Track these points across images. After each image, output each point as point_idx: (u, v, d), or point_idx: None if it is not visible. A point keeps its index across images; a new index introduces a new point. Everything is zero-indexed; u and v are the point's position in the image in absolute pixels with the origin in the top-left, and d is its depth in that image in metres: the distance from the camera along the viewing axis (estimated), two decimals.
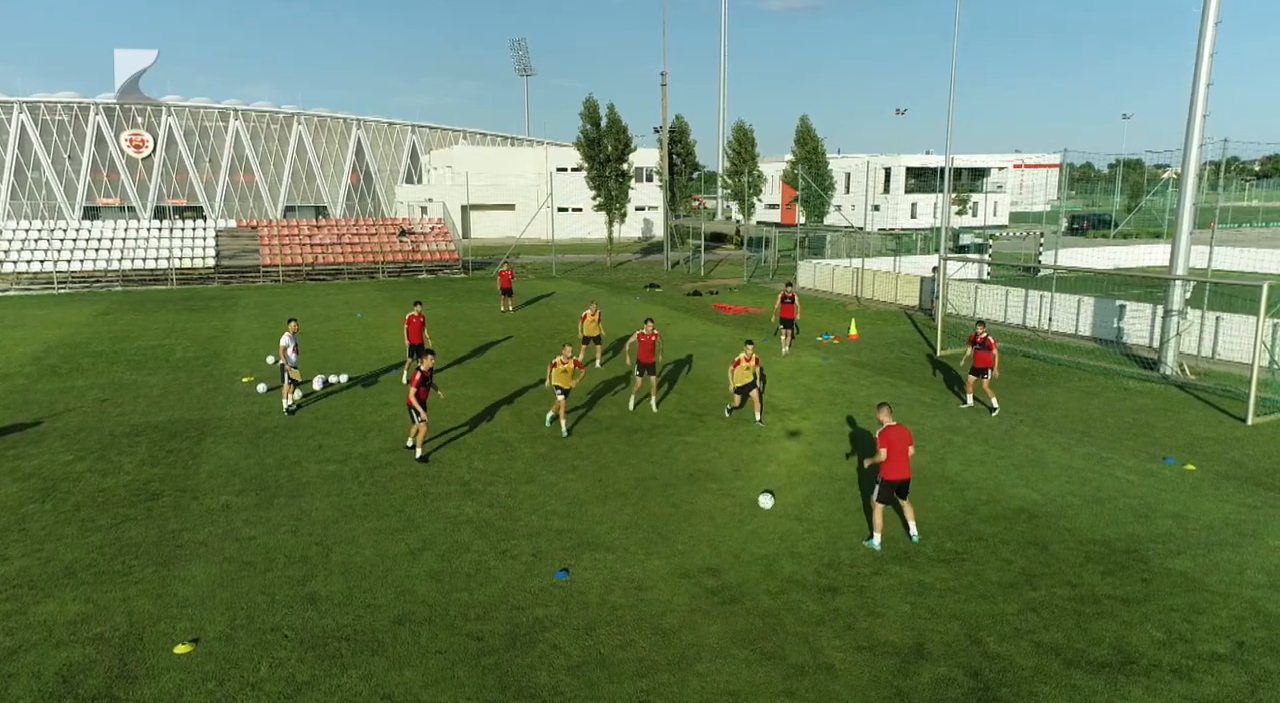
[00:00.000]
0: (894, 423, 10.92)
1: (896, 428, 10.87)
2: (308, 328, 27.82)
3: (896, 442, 10.76)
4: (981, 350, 17.09)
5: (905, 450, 10.78)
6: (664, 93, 48.30)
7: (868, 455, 14.16)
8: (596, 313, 21.97)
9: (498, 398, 18.50)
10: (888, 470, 10.71)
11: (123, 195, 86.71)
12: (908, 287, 32.15)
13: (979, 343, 17.19)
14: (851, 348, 24.20)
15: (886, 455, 10.70)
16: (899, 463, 10.71)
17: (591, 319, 21.76)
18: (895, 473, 10.72)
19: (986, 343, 17.11)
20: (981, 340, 17.18)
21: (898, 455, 10.73)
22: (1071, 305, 25.20)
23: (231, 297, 36.56)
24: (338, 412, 17.37)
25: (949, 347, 23.32)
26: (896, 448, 10.74)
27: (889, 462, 10.69)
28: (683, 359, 22.52)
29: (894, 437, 10.77)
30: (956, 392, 18.76)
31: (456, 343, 25.15)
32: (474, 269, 46.26)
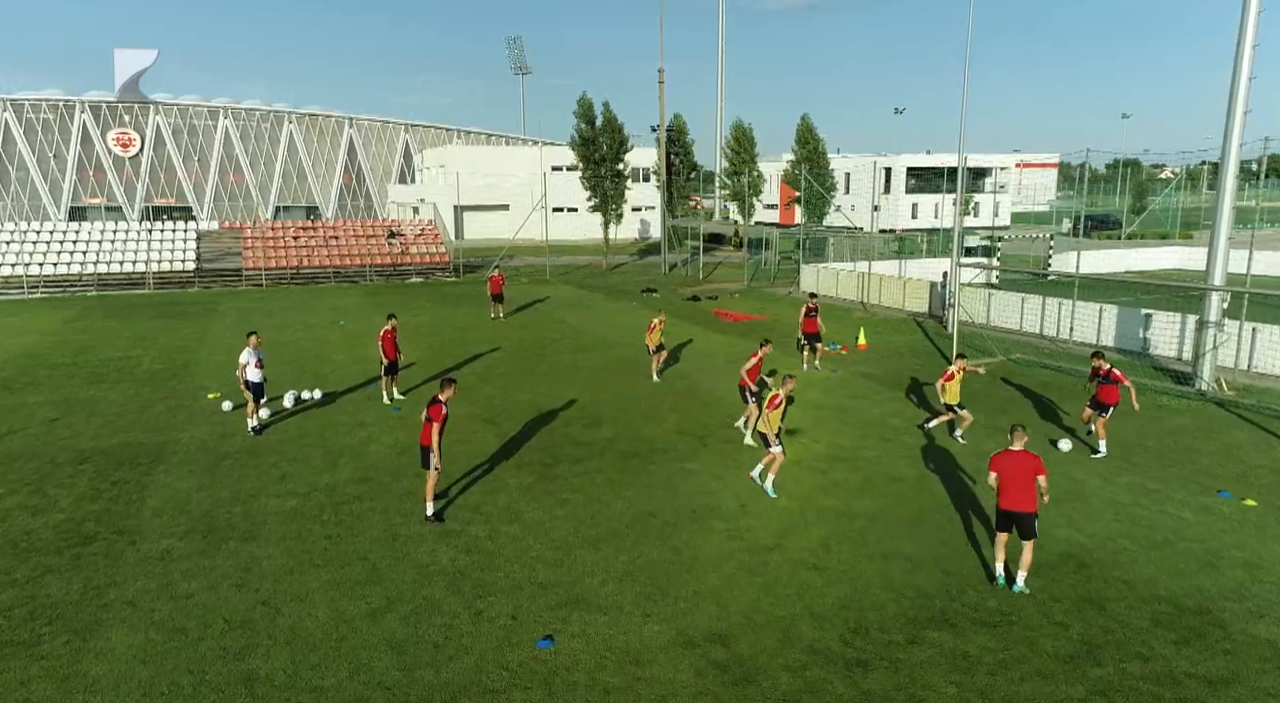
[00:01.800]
0: (1020, 449, 9.86)
1: (1017, 454, 9.82)
2: (286, 337, 26.39)
3: (1009, 468, 9.73)
4: (1107, 384, 14.69)
5: (1024, 480, 9.65)
6: (661, 90, 46.95)
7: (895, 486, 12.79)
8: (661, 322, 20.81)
9: (481, 417, 17.08)
10: (1000, 498, 9.81)
11: (109, 195, 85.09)
12: (916, 292, 30.77)
13: (1104, 376, 14.77)
14: (860, 359, 22.82)
15: (998, 483, 9.79)
16: (1012, 492, 9.70)
17: (659, 329, 20.56)
18: (1008, 502, 9.75)
19: (1113, 376, 14.72)
20: (1105, 373, 14.78)
21: (1011, 484, 9.70)
22: (1092, 313, 23.82)
23: (211, 302, 35.09)
24: (307, 434, 15.94)
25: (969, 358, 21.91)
26: (1009, 474, 9.72)
27: (1002, 490, 9.77)
28: (682, 372, 21.11)
29: (1008, 463, 9.78)
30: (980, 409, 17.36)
31: (441, 353, 23.73)
32: (466, 271, 44.82)
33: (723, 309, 31.68)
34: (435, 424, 11.71)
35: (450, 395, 12.18)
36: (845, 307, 32.15)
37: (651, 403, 18.16)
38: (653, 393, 19.01)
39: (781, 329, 27.28)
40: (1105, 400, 14.79)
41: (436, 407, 11.86)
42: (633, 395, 18.76)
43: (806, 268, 37.02)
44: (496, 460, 14.45)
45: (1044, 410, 17.52)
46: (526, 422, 16.74)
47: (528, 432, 16.08)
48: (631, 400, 18.34)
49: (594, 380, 20.18)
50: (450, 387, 12.28)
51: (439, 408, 11.84)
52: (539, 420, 16.84)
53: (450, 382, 12.37)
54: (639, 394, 18.87)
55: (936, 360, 22.57)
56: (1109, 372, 14.86)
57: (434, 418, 11.77)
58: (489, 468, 14.04)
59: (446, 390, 12.19)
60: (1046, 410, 17.50)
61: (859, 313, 30.45)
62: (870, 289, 32.62)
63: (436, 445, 11.73)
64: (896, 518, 11.79)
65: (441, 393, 12.13)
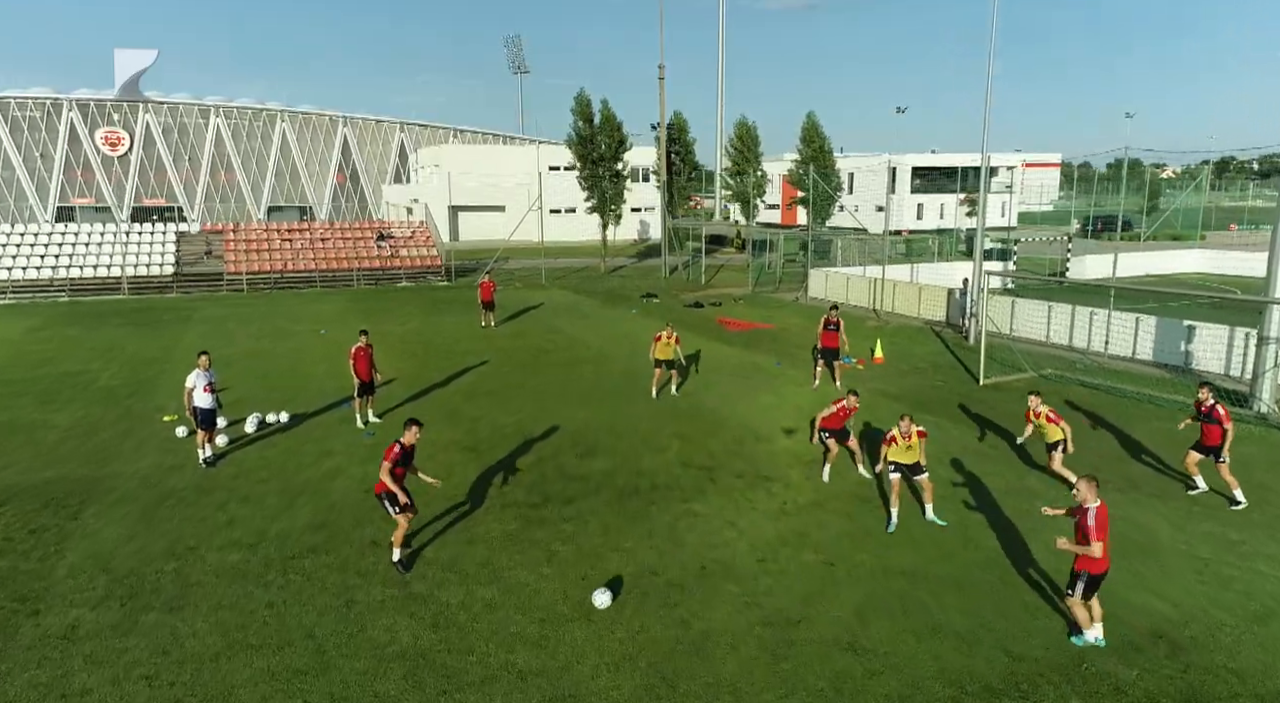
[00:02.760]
0: (1100, 501, 8.43)
1: (1105, 509, 8.44)
2: (261, 348, 24.62)
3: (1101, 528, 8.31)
4: (1208, 422, 12.51)
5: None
6: (661, 87, 45.20)
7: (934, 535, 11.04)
8: (672, 335, 18.82)
9: (463, 444, 15.33)
10: (1100, 563, 8.31)
11: (98, 195, 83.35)
12: (932, 299, 29.03)
13: (1205, 414, 12.62)
14: (877, 374, 21.07)
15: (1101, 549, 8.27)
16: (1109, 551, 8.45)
17: (666, 341, 18.69)
18: (1106, 565, 8.42)
19: (1214, 413, 12.46)
20: (1208, 409, 12.57)
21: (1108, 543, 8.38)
22: (1127, 324, 22.08)
23: (187, 308, 33.32)
24: (267, 466, 14.19)
25: (993, 374, 20.20)
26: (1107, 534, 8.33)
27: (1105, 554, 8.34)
28: (686, 389, 19.34)
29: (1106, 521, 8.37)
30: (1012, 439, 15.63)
31: (427, 365, 21.97)
32: (459, 275, 43.05)
33: (727, 317, 29.93)
34: (385, 465, 10.19)
35: (413, 439, 10.49)
36: (856, 314, 30.38)
37: (652, 426, 16.42)
38: (653, 415, 17.27)
39: (789, 339, 25.55)
40: (1209, 443, 12.52)
41: (392, 449, 10.27)
42: (631, 418, 17.02)
43: (814, 272, 35.25)
44: (477, 499, 12.71)
45: (1082, 434, 15.74)
46: (513, 450, 15.00)
47: (514, 463, 14.34)
48: (630, 424, 16.60)
49: (589, 399, 18.43)
50: (413, 429, 10.56)
51: (394, 451, 10.25)
52: (527, 448, 15.11)
53: (414, 423, 10.63)
54: (638, 416, 17.13)
55: (960, 376, 20.82)
56: (1211, 409, 12.55)
57: (386, 458, 10.25)
58: (468, 509, 12.30)
59: (409, 432, 10.51)
60: (1085, 434, 15.73)
61: (872, 322, 28.71)
62: (883, 295, 30.87)
63: (398, 490, 10.17)
64: (940, 577, 10.07)
65: (404, 434, 10.46)
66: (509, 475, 13.72)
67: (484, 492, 13.01)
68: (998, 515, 11.94)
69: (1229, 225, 73.17)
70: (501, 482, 13.41)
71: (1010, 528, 11.47)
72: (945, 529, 11.51)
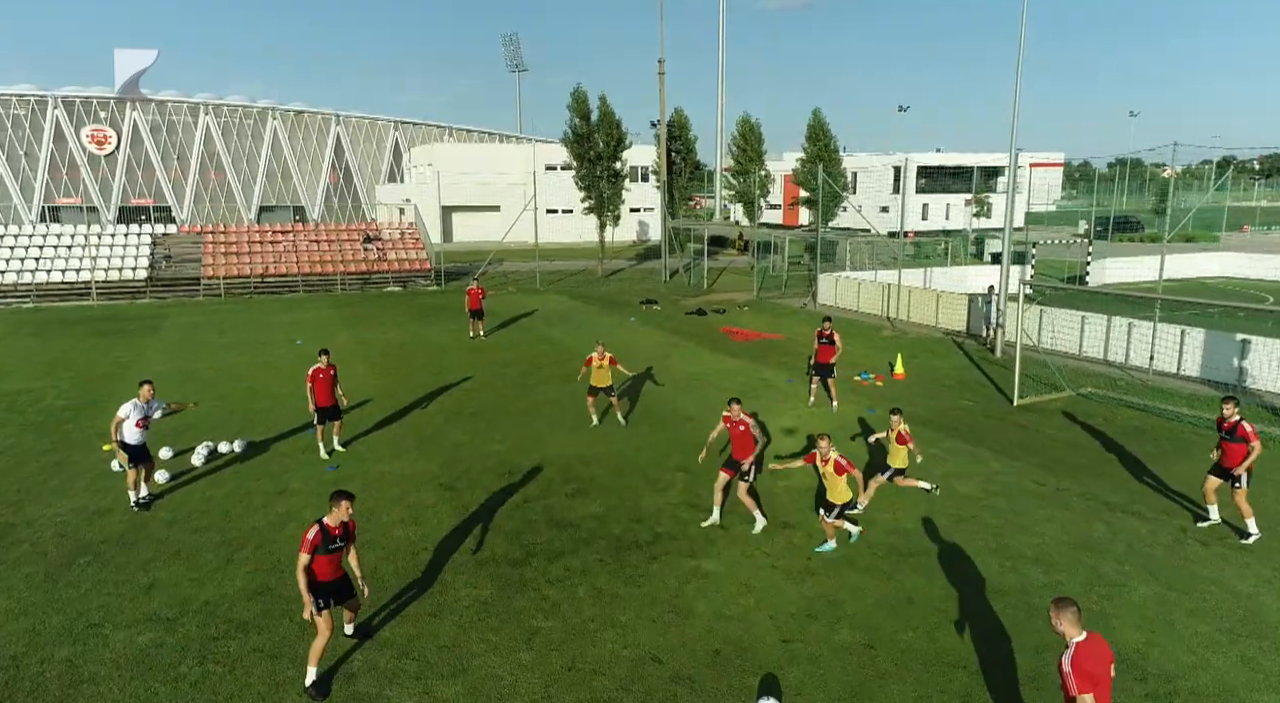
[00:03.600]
0: (1088, 634, 5.86)
1: (1095, 644, 5.85)
2: (228, 361, 22.71)
3: (1102, 675, 5.78)
4: (1231, 441, 11.14)
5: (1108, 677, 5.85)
6: (661, 82, 43.30)
7: (997, 602, 9.15)
8: (604, 356, 16.54)
9: (439, 481, 13.44)
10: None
11: (84, 195, 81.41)
12: (951, 306, 27.16)
13: (1228, 431, 11.21)
14: (899, 392, 19.20)
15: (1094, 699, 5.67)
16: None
17: (599, 363, 16.47)
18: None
19: (1240, 431, 11.08)
20: (1231, 426, 11.17)
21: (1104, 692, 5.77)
22: (1172, 337, 20.21)
23: (160, 315, 31.42)
24: (209, 508, 12.31)
25: (1027, 393, 18.33)
26: (1104, 684, 5.77)
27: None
28: (688, 412, 17.46)
29: (1099, 668, 5.76)
30: (1067, 470, 13.76)
31: (406, 381, 20.08)
32: (450, 279, 41.16)
33: (732, 326, 28.04)
34: (303, 557, 7.87)
35: (342, 517, 8.11)
36: (870, 323, 28.52)
37: (653, 458, 14.55)
38: (655, 443, 15.39)
39: (799, 351, 23.65)
40: (1226, 464, 11.21)
41: (309, 532, 7.96)
42: (630, 446, 15.15)
43: (823, 277, 33.36)
44: (448, 551, 10.83)
45: (1138, 468, 13.88)
46: (495, 488, 13.12)
47: (495, 503, 12.47)
48: (629, 453, 14.73)
49: (583, 422, 16.53)
50: (343, 504, 8.11)
51: (312, 537, 7.91)
52: (511, 486, 13.23)
53: (343, 497, 8.16)
54: (638, 444, 15.25)
55: (990, 395, 18.95)
56: (1236, 425, 11.20)
57: (303, 547, 7.91)
58: (437, 565, 10.42)
59: (337, 508, 8.08)
60: (1143, 468, 13.86)
61: (886, 331, 26.84)
62: (898, 303, 28.98)
63: (308, 601, 7.84)
64: (1011, 673, 8.19)
65: (329, 512, 8.11)
66: (488, 522, 11.84)
67: (458, 543, 11.12)
68: (1056, 571, 10.07)
69: (1242, 226, 71.39)
70: (479, 531, 11.52)
71: (1077, 594, 9.59)
72: (1007, 596, 9.63)
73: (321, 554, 7.96)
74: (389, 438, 15.84)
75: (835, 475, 10.63)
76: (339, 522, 8.08)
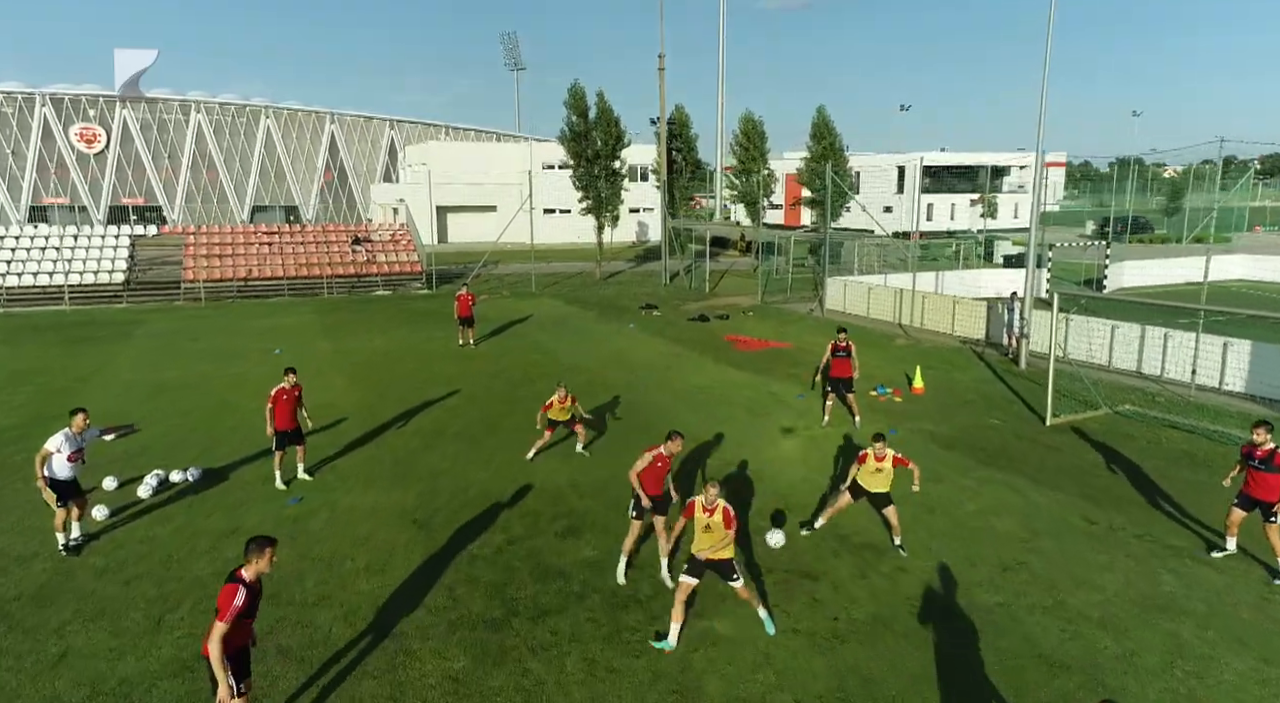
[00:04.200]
0: None
1: None
2: (197, 373, 21.19)
3: None
4: (1267, 471, 9.94)
5: None
6: (661, 78, 41.79)
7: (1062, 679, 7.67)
8: (566, 398, 14.37)
9: (411, 516, 11.94)
10: None
11: (73, 194, 79.91)
12: (969, 314, 25.65)
13: (1261, 459, 10.01)
14: (919, 408, 17.70)
15: None
16: None
17: (560, 407, 14.40)
18: None
19: (1278, 460, 9.89)
20: (1265, 454, 9.98)
21: None
22: (1214, 349, 18.71)
23: (135, 321, 29.89)
24: (149, 551, 10.81)
25: (1063, 411, 16.83)
26: None
27: None
28: (693, 431, 15.94)
29: None
30: (1116, 503, 12.26)
31: (386, 397, 18.56)
32: (442, 282, 39.63)
33: (737, 334, 26.52)
34: (219, 624, 6.44)
35: (263, 568, 6.75)
36: (881, 331, 27.01)
37: None
38: None
39: (809, 362, 22.04)
40: (1260, 496, 10.01)
41: (230, 590, 6.54)
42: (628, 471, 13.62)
43: (832, 282, 31.84)
44: (416, 609, 9.33)
45: (1196, 500, 12.35)
46: (475, 526, 11.63)
47: (474, 546, 10.97)
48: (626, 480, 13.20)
49: (575, 442, 15.02)
50: (265, 553, 6.75)
51: (234, 600, 6.50)
52: (494, 522, 11.74)
53: (264, 545, 6.78)
54: None
55: (1019, 412, 17.45)
56: (1271, 454, 9.92)
57: (220, 613, 6.46)
58: (402, 629, 8.92)
59: (259, 559, 6.71)
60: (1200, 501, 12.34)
61: (901, 340, 25.32)
62: (912, 309, 27.46)
63: (219, 661, 6.41)
64: None
65: (247, 564, 6.71)
66: (464, 566, 10.34)
67: (428, 598, 9.62)
68: (1119, 635, 8.57)
69: (1254, 227, 69.88)
70: (453, 582, 10.03)
71: (1153, 670, 8.10)
72: (1069, 672, 8.14)
73: (246, 619, 6.64)
74: (361, 463, 14.34)
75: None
76: (256, 575, 6.70)
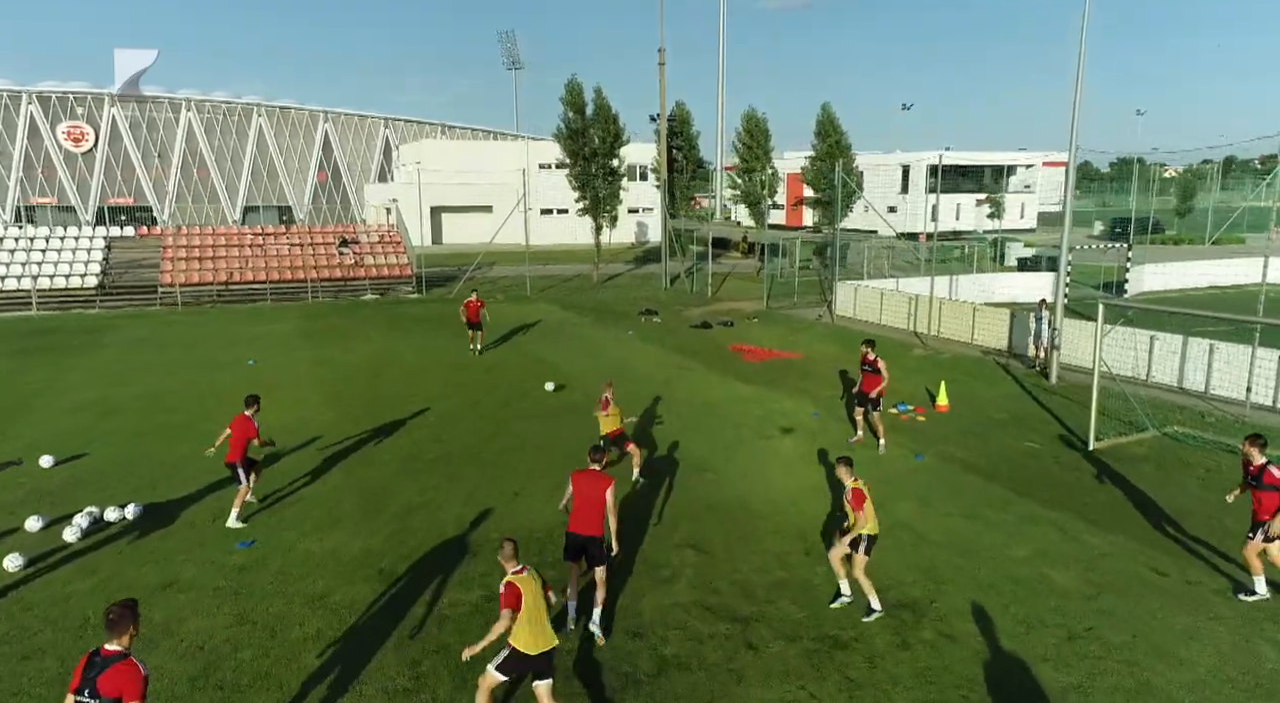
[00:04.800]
0: None
1: None
2: (160, 388, 19.59)
3: None
4: (1259, 488, 9.31)
5: None
6: (661, 72, 40.18)
7: None
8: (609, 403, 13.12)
9: (378, 564, 10.33)
10: None
11: (60, 195, 78.33)
12: (990, 322, 24.06)
13: (1254, 477, 9.39)
14: (946, 429, 16.11)
15: None
16: None
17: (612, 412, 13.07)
18: None
19: (1267, 477, 9.23)
20: (1256, 470, 9.36)
21: None
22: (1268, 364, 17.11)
23: (106, 328, 28.29)
24: (63, 613, 9.21)
25: (1107, 433, 15.24)
26: None
27: None
28: (698, 456, 14.34)
29: None
30: (1186, 549, 10.68)
31: (363, 415, 16.94)
32: (434, 285, 38.02)
33: (743, 344, 24.92)
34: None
35: (126, 642, 5.40)
36: (896, 340, 25.41)
37: (655, 533, 11.46)
38: (653, 505, 12.30)
39: (821, 374, 20.62)
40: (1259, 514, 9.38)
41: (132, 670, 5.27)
42: (625, 508, 12.04)
43: (842, 286, 30.25)
44: (368, 684, 7.74)
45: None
46: (448, 575, 10.04)
47: (445, 607, 9.39)
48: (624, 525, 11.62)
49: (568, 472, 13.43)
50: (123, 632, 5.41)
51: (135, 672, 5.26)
52: (470, 573, 10.15)
53: (130, 616, 5.48)
54: (636, 507, 12.15)
55: (1055, 433, 15.86)
56: (1261, 469, 9.33)
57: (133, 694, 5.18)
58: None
59: (119, 636, 5.39)
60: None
61: (918, 350, 23.73)
62: (929, 316, 25.84)
63: None
64: None
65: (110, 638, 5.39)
66: (435, 637, 8.75)
67: (385, 675, 8.02)
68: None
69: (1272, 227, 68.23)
70: (419, 654, 8.43)
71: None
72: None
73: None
74: (327, 496, 12.74)
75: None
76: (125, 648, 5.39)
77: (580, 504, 8.73)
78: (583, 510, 8.71)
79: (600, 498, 8.65)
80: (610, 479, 8.90)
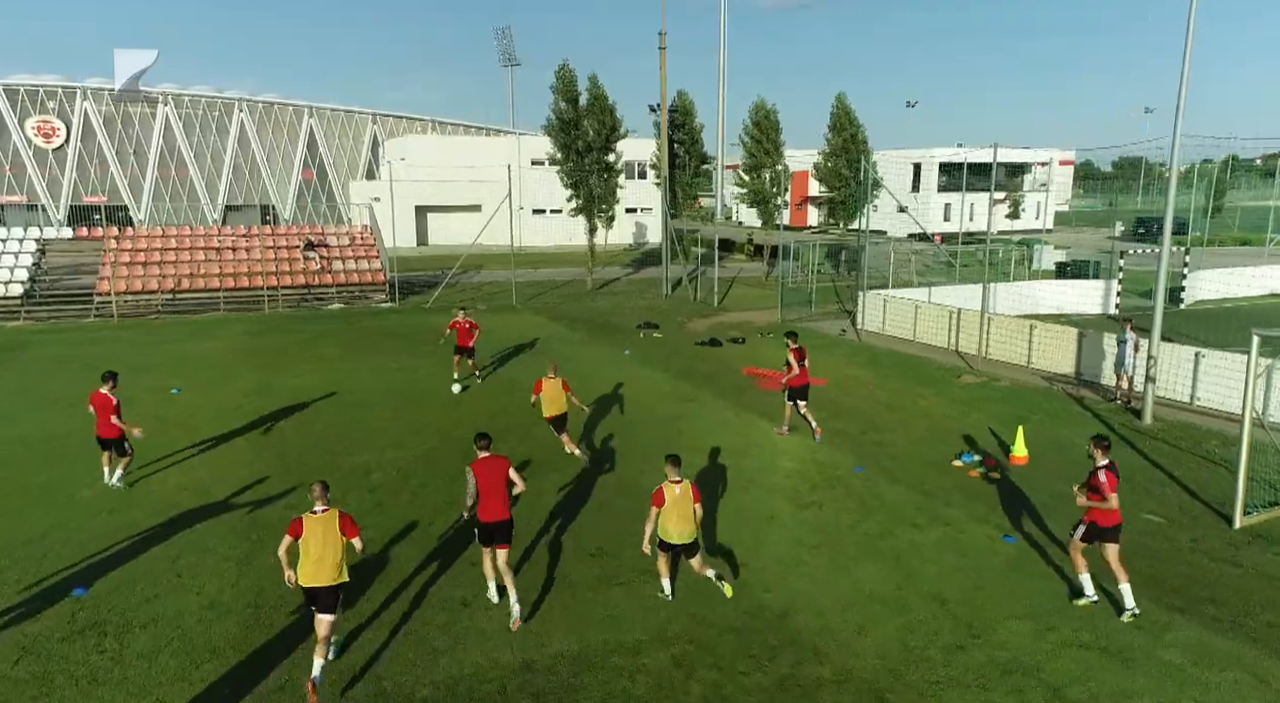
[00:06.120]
0: None
1: None
2: (57, 426, 15.87)
3: None
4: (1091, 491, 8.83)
5: None
6: (662, 58, 36.50)
7: None
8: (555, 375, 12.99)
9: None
10: None
11: (30, 192, 74.62)
12: (1053, 342, 20.41)
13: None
14: (1031, 489, 12.45)
15: None
16: None
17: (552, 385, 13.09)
18: None
19: (1094, 480, 8.86)
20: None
21: None
22: None
23: (22, 344, 24.55)
24: None
25: (1258, 506, 11.59)
26: None
27: None
28: (717, 540, 10.67)
29: None
30: None
31: (290, 469, 13.26)
32: (410, 292, 34.34)
33: (757, 366, 21.25)
34: None
35: None
36: (936, 361, 21.76)
37: (654, 637, 7.79)
38: (654, 608, 8.62)
39: (854, 406, 17.02)
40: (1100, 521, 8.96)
41: None
42: (619, 611, 8.38)
43: (869, 296, 26.56)
44: None
45: None
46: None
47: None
48: (616, 629, 7.96)
49: (546, 553, 9.75)
50: None
51: None
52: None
53: None
54: (631, 611, 8.47)
55: (1175, 498, 12.22)
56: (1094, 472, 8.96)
57: None
58: None
59: None
60: None
61: (966, 376, 20.07)
62: (980, 334, 22.09)
63: None
64: None
65: None
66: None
67: None
68: None
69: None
70: None
71: None
72: None
73: None
74: (199, 621, 9.07)
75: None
76: None
77: (486, 492, 8.75)
78: (490, 497, 8.75)
79: (503, 480, 8.81)
80: (506, 459, 9.07)
